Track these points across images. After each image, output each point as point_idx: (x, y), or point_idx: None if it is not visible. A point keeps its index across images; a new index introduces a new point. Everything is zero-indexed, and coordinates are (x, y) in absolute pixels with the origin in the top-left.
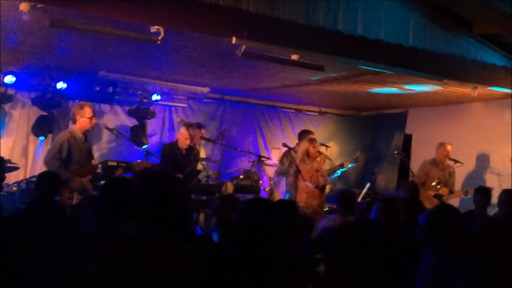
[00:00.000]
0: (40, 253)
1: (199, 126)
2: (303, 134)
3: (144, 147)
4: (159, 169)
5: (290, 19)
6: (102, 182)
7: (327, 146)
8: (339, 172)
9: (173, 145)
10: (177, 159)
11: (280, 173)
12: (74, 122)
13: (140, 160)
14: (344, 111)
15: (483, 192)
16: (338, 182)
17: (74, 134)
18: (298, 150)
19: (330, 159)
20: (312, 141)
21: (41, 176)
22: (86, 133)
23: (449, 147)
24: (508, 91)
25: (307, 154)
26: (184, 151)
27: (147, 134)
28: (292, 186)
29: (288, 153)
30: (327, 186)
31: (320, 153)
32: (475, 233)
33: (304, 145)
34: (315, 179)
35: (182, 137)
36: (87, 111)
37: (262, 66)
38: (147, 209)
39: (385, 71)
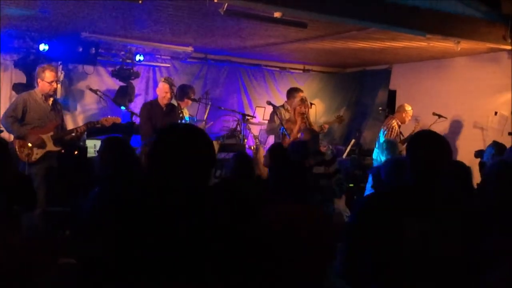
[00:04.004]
0: None
1: (189, 87)
2: (292, 92)
3: (122, 108)
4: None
5: None
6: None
7: (312, 104)
8: None
9: (153, 103)
10: (156, 117)
11: (269, 131)
12: (36, 84)
13: (109, 116)
14: (328, 68)
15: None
16: (324, 139)
17: (34, 95)
18: (289, 109)
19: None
20: (303, 101)
21: None
22: (47, 96)
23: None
24: (491, 45)
25: (295, 113)
26: (164, 108)
27: (134, 94)
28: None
29: (277, 111)
30: None
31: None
32: None
33: (294, 104)
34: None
35: (162, 91)
36: (48, 75)
37: (245, 24)
38: None
39: (368, 26)
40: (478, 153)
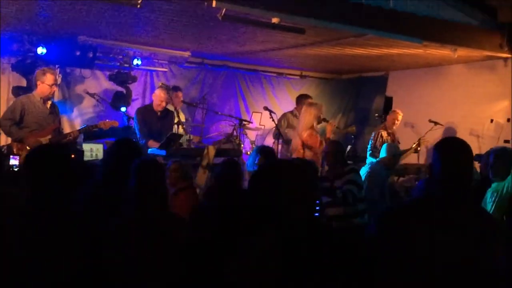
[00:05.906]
0: None
1: (176, 89)
2: (301, 98)
3: (123, 109)
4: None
5: None
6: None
7: None
8: None
9: (148, 108)
10: (151, 122)
11: (275, 135)
12: (35, 87)
13: (107, 120)
14: (325, 75)
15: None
16: None
17: (32, 98)
18: (305, 116)
19: (338, 127)
20: (321, 107)
21: None
22: (46, 99)
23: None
24: (488, 53)
25: (317, 120)
26: (159, 114)
27: (131, 98)
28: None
29: (285, 116)
30: None
31: (326, 120)
32: None
33: (314, 111)
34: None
35: (157, 99)
36: (49, 78)
37: (243, 29)
38: None
39: (366, 33)
40: (477, 157)
